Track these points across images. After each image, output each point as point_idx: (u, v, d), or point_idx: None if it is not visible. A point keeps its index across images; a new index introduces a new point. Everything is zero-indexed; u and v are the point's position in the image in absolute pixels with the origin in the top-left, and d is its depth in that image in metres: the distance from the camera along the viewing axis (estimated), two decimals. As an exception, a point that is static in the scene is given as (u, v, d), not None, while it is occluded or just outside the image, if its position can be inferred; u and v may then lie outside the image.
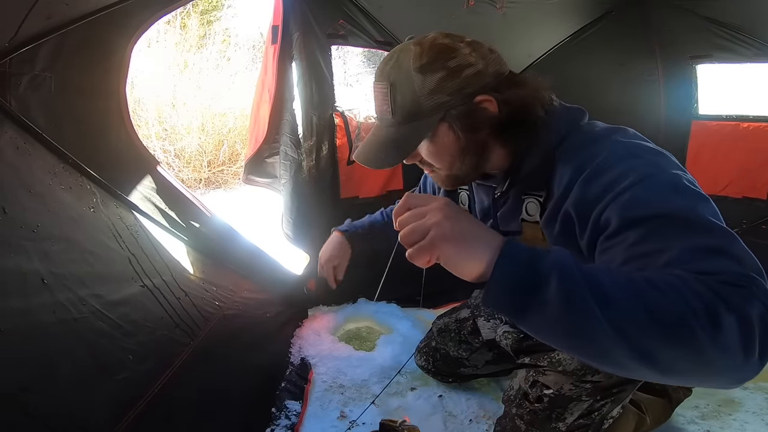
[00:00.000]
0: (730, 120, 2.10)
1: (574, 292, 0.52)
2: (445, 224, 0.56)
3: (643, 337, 0.50)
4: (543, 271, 0.53)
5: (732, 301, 0.51)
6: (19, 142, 1.03)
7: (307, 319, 1.92)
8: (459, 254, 0.56)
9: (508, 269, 0.55)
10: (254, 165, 2.05)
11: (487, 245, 0.56)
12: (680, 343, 0.50)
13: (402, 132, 0.80)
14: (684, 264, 0.56)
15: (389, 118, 0.81)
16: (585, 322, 0.51)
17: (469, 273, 0.57)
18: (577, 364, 0.98)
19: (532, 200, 0.86)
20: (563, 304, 0.52)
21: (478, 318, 1.32)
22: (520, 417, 1.04)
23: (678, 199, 0.64)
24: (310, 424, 1.32)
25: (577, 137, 0.80)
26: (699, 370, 0.52)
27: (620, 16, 2.32)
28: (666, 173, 0.67)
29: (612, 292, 0.52)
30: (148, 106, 4.63)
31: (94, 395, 0.98)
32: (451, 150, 0.82)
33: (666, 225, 0.61)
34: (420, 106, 0.78)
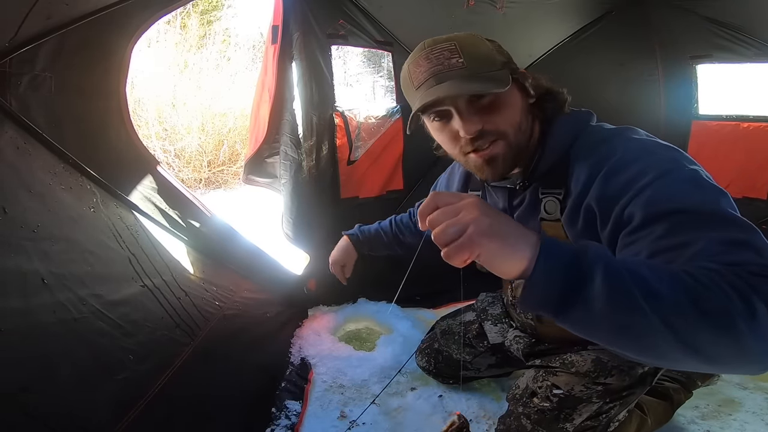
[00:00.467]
0: (730, 120, 2.10)
1: (620, 287, 0.51)
2: (484, 220, 0.54)
3: (690, 329, 0.51)
4: (586, 267, 0.52)
5: (762, 291, 0.52)
6: (19, 142, 1.03)
7: (307, 319, 1.92)
8: (501, 250, 0.54)
9: (551, 265, 0.53)
10: (254, 165, 2.05)
11: (526, 242, 0.54)
12: (724, 333, 0.50)
13: (487, 74, 0.78)
14: (711, 256, 0.57)
15: (460, 69, 0.78)
16: (632, 317, 0.51)
17: (509, 270, 0.55)
18: (591, 365, 0.98)
19: (551, 198, 0.87)
20: (609, 300, 0.51)
21: (485, 322, 1.32)
22: (527, 416, 1.03)
23: (699, 194, 0.65)
24: (310, 424, 1.32)
25: (590, 136, 0.84)
26: (738, 357, 0.53)
27: (620, 16, 2.32)
28: (684, 168, 0.69)
29: (657, 286, 0.51)
30: (149, 106, 4.64)
31: (95, 395, 0.98)
32: (519, 107, 0.83)
33: (690, 219, 0.63)
34: (495, 60, 0.81)
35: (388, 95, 2.20)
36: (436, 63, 0.79)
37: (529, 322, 1.15)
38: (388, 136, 2.05)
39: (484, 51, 0.80)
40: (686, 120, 2.22)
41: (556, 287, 0.53)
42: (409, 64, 0.84)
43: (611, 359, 0.99)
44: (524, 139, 0.85)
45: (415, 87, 0.82)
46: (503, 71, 0.80)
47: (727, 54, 2.06)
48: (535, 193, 0.90)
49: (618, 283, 0.51)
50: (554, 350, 1.09)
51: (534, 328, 1.14)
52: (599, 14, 2.34)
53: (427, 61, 0.79)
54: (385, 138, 2.04)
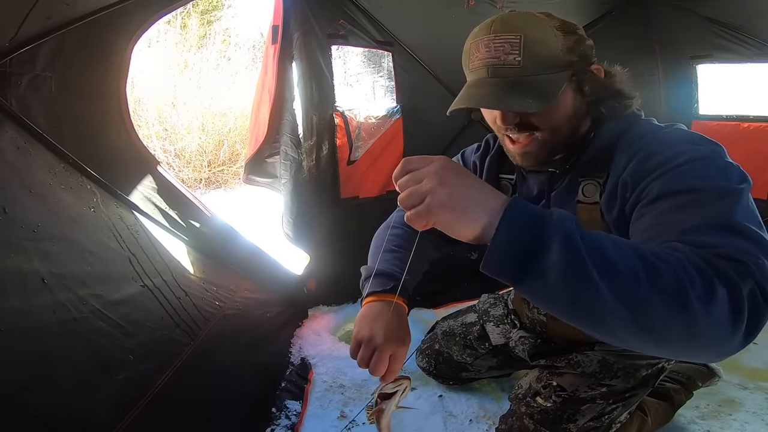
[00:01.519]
0: (731, 120, 2.11)
1: (576, 258, 0.51)
2: (440, 191, 0.54)
3: (640, 305, 0.51)
4: (544, 236, 0.52)
5: (724, 274, 0.52)
6: (19, 141, 1.03)
7: (307, 319, 1.92)
8: (455, 220, 0.55)
9: (508, 234, 0.53)
10: (254, 165, 2.05)
11: (485, 209, 0.55)
12: (676, 312, 0.50)
13: (539, 80, 0.77)
14: (692, 236, 0.58)
15: (514, 67, 0.77)
16: (585, 289, 0.51)
17: (465, 236, 0.56)
18: (596, 366, 0.98)
19: (591, 182, 0.86)
20: (564, 272, 0.51)
21: (487, 323, 1.32)
22: (530, 416, 1.03)
23: (723, 181, 0.65)
24: (310, 423, 1.32)
25: (641, 127, 0.83)
26: (690, 340, 0.53)
27: (620, 16, 2.32)
28: (722, 160, 0.70)
29: (613, 259, 0.52)
30: (149, 106, 4.64)
31: (95, 395, 0.98)
32: (567, 109, 0.82)
33: (699, 199, 0.63)
34: (558, 60, 0.78)
35: (389, 95, 2.20)
36: (494, 54, 0.78)
37: (540, 319, 1.13)
38: (389, 136, 2.05)
39: (548, 51, 0.78)
40: (686, 120, 2.22)
41: (512, 255, 0.53)
42: (471, 41, 0.82)
43: (617, 361, 1.00)
44: (564, 138, 0.84)
45: (469, 69, 0.83)
46: (560, 75, 0.78)
47: (727, 54, 2.06)
48: (574, 178, 0.89)
49: (575, 255, 0.51)
50: (561, 350, 1.08)
51: (544, 325, 1.13)
52: (599, 14, 2.34)
53: (486, 49, 0.79)
54: (386, 138, 2.04)
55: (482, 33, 0.80)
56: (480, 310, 1.37)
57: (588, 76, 0.83)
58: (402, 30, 2.01)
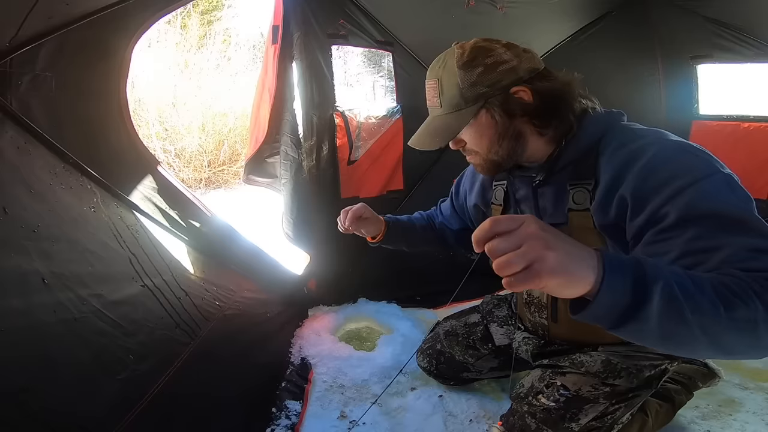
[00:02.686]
0: (731, 120, 2.10)
1: (674, 306, 0.56)
2: (549, 256, 0.53)
3: (722, 334, 0.58)
4: (646, 288, 0.56)
5: None
6: (19, 141, 1.03)
7: (307, 319, 1.92)
8: (567, 283, 0.55)
9: (613, 289, 0.55)
10: (255, 165, 2.05)
11: (588, 266, 0.55)
12: (748, 335, 0.59)
13: (448, 120, 0.91)
14: (738, 262, 0.64)
15: (438, 108, 0.93)
16: (679, 328, 0.57)
17: (573, 295, 0.57)
18: (600, 366, 0.99)
19: (580, 189, 0.89)
20: (664, 317, 0.56)
21: (491, 324, 1.32)
22: (532, 415, 1.03)
23: (734, 200, 0.70)
24: (310, 423, 1.32)
25: (620, 131, 0.87)
26: (753, 349, 0.62)
27: (621, 16, 2.32)
28: (719, 173, 0.73)
29: (699, 299, 0.58)
30: (149, 105, 4.64)
31: (95, 395, 0.98)
32: (490, 134, 0.90)
33: (722, 224, 0.68)
34: (463, 97, 0.88)
35: (389, 95, 2.20)
36: (428, 98, 0.96)
37: (542, 322, 1.14)
38: (389, 136, 2.05)
39: (451, 91, 0.89)
40: (687, 120, 2.22)
41: (618, 307, 0.56)
42: None
43: (621, 361, 1.00)
44: (500, 156, 0.92)
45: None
46: (467, 110, 0.88)
47: (728, 54, 2.06)
48: (562, 185, 0.93)
49: (673, 301, 0.56)
50: (564, 351, 1.09)
51: (546, 329, 1.14)
52: (600, 14, 2.34)
53: (427, 93, 0.96)
54: (386, 138, 2.04)
55: (427, 75, 0.96)
56: (484, 310, 1.37)
57: (508, 99, 0.88)
58: (402, 30, 2.01)
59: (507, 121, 0.89)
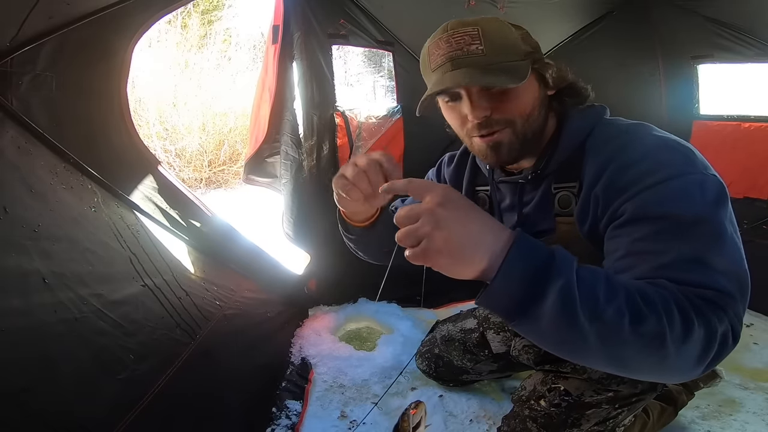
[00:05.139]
0: (732, 120, 2.10)
1: (569, 309, 0.53)
2: (436, 236, 0.53)
3: (621, 347, 0.55)
4: (543, 287, 0.53)
5: (705, 318, 0.56)
6: (20, 141, 1.03)
7: (307, 319, 1.92)
8: (453, 265, 0.54)
9: (508, 280, 0.54)
10: (255, 164, 2.05)
11: (485, 251, 0.54)
12: (652, 353, 0.55)
13: (505, 65, 0.76)
14: (673, 272, 0.61)
15: (480, 56, 0.76)
16: (573, 334, 0.54)
17: (464, 277, 0.56)
18: (603, 372, 0.96)
19: (565, 192, 0.85)
20: (556, 318, 0.53)
21: (488, 331, 1.29)
22: (533, 419, 1.02)
23: (699, 203, 0.66)
24: (310, 423, 1.32)
25: (605, 129, 0.83)
26: (658, 372, 0.58)
27: (621, 16, 2.32)
28: (697, 174, 0.69)
29: (603, 307, 0.54)
30: (149, 105, 4.64)
31: (95, 395, 0.98)
32: (533, 99, 0.81)
33: (672, 227, 0.64)
34: (518, 48, 0.78)
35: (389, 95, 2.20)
36: (455, 47, 0.77)
37: None
38: (389, 135, 2.05)
39: (507, 39, 0.78)
40: (687, 120, 2.21)
41: (511, 299, 0.54)
42: (428, 44, 0.82)
43: None
44: (533, 130, 0.83)
45: (431, 69, 0.82)
46: (524, 62, 0.77)
47: (728, 54, 2.06)
48: (547, 188, 0.88)
49: (568, 304, 0.53)
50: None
51: None
52: (600, 14, 2.34)
53: (446, 44, 0.78)
54: (386, 138, 2.04)
55: (438, 33, 0.81)
56: (480, 316, 1.35)
57: (548, 67, 0.83)
58: (402, 30, 2.01)
59: (543, 89, 0.83)
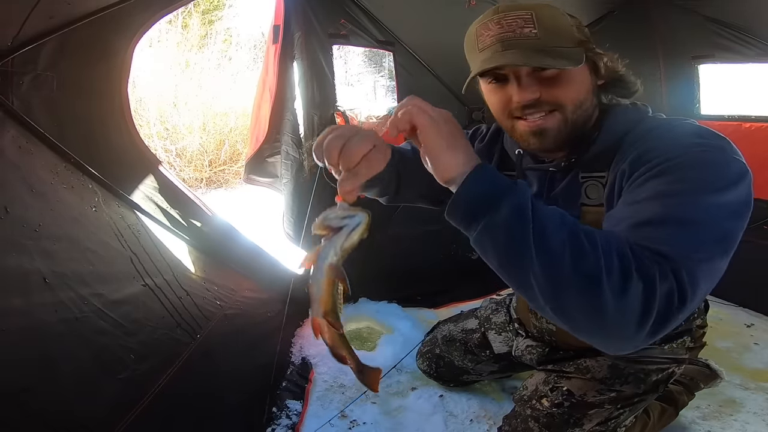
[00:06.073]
0: (732, 120, 2.10)
1: (521, 224, 0.56)
2: (435, 114, 0.63)
3: (558, 280, 0.55)
4: (500, 196, 0.58)
5: (645, 269, 0.55)
6: (21, 141, 1.03)
7: (308, 319, 1.92)
8: (441, 146, 0.61)
9: (474, 183, 0.59)
10: (255, 164, 2.05)
11: (467, 156, 0.62)
12: (587, 295, 0.54)
13: (559, 50, 0.74)
14: (643, 226, 0.61)
15: (533, 40, 0.74)
16: (521, 252, 0.56)
17: (442, 168, 0.62)
18: (607, 372, 0.97)
19: (593, 182, 0.84)
20: (509, 232, 0.57)
21: (489, 331, 1.29)
22: (535, 419, 1.02)
23: (711, 176, 0.65)
24: (310, 423, 1.32)
25: (647, 124, 0.81)
26: (594, 324, 0.56)
27: (622, 16, 2.32)
28: (725, 154, 0.70)
29: (550, 234, 0.56)
30: (150, 105, 4.64)
31: (96, 394, 0.98)
32: (585, 86, 0.79)
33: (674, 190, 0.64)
34: (571, 35, 0.76)
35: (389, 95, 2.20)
36: (507, 29, 0.75)
37: (550, 328, 1.09)
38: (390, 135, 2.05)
39: (561, 25, 0.76)
40: (688, 120, 2.21)
41: (471, 204, 0.60)
42: (477, 25, 0.79)
43: (628, 366, 0.98)
44: (582, 118, 0.80)
45: (478, 49, 0.79)
46: (578, 49, 0.76)
47: (729, 54, 2.05)
48: (575, 177, 0.87)
49: (520, 220, 0.57)
50: (571, 357, 1.06)
51: (553, 334, 1.09)
52: (601, 14, 2.33)
53: (497, 26, 0.75)
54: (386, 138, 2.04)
55: (489, 15, 0.78)
56: (481, 316, 1.34)
57: (601, 57, 0.80)
58: (403, 30, 2.01)
59: (595, 79, 0.81)
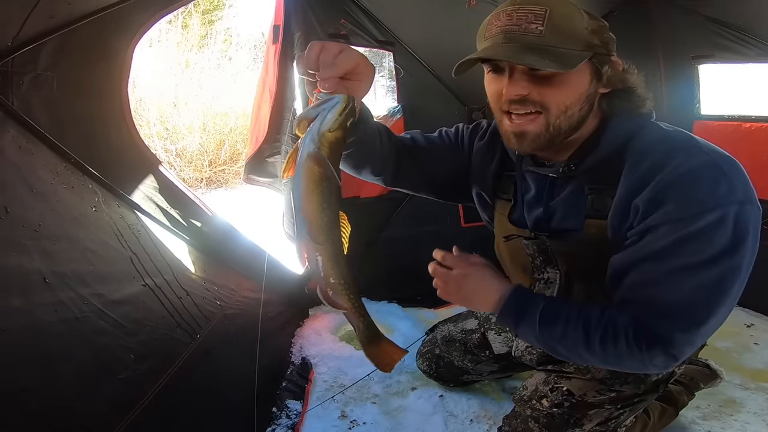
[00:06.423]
0: (733, 120, 2.10)
1: (541, 340, 0.85)
2: (452, 292, 0.92)
3: (583, 358, 0.84)
4: (521, 325, 0.86)
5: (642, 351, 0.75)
6: (21, 141, 1.03)
7: (308, 319, 1.93)
8: (469, 307, 0.99)
9: (504, 320, 0.88)
10: (255, 164, 2.05)
11: (488, 303, 0.89)
12: (607, 363, 0.83)
13: (558, 50, 0.74)
14: (644, 307, 0.76)
15: (536, 36, 0.74)
16: (545, 346, 0.87)
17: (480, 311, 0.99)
18: (607, 372, 0.97)
19: (600, 195, 0.84)
20: (540, 336, 0.84)
21: (489, 332, 1.28)
22: (535, 419, 1.02)
23: (719, 254, 0.71)
24: (310, 423, 1.32)
25: (650, 133, 0.82)
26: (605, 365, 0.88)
27: (622, 16, 2.32)
28: (732, 205, 0.71)
29: (562, 332, 0.81)
30: (150, 105, 4.64)
31: (96, 394, 0.98)
32: (578, 92, 0.79)
33: (674, 265, 0.73)
34: (581, 37, 0.76)
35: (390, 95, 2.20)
36: (514, 22, 0.76)
37: None
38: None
39: (573, 26, 0.75)
40: (688, 120, 2.21)
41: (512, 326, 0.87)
42: (492, 14, 0.81)
43: None
44: (569, 124, 0.80)
45: (484, 37, 0.80)
46: (580, 53, 0.75)
47: (729, 54, 2.05)
48: (579, 187, 0.87)
49: (540, 337, 0.84)
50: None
51: None
52: (601, 14, 2.33)
53: (507, 18, 0.76)
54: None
55: (506, 5, 0.78)
56: (481, 316, 1.34)
57: (608, 64, 0.80)
58: (403, 30, 2.01)
59: (595, 85, 0.80)
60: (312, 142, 0.56)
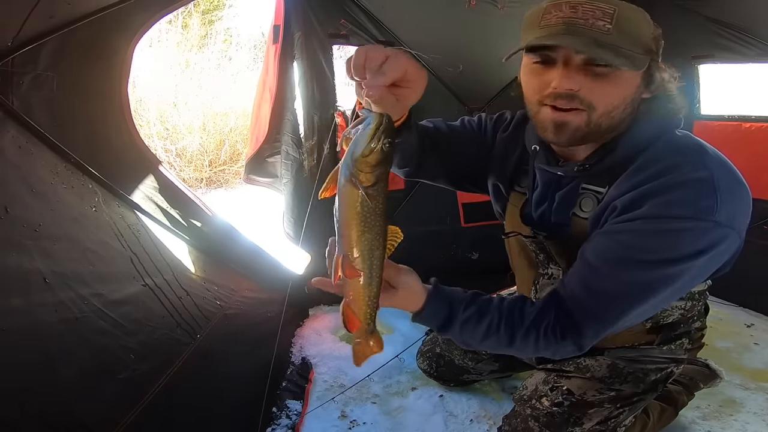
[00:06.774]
0: (733, 120, 2.10)
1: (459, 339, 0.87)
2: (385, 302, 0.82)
3: (506, 351, 0.88)
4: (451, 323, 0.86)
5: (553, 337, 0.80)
6: (21, 141, 1.04)
7: (308, 319, 1.92)
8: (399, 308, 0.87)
9: (425, 321, 0.88)
10: (255, 164, 2.05)
11: (413, 306, 0.87)
12: (526, 352, 0.88)
13: (624, 51, 0.72)
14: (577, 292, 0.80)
15: (603, 34, 0.72)
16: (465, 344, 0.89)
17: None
18: (606, 371, 0.97)
19: (590, 196, 0.86)
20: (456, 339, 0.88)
21: None
22: (535, 418, 1.02)
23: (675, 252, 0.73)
24: (310, 423, 1.32)
25: (665, 146, 0.80)
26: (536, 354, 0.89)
27: (622, 16, 2.32)
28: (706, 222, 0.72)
29: (482, 338, 0.84)
30: (150, 105, 4.64)
31: (96, 394, 0.98)
32: (628, 94, 0.78)
33: (623, 261, 0.76)
34: (645, 43, 0.75)
35: (390, 95, 2.20)
36: (580, 16, 0.72)
37: None
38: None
39: (639, 31, 0.74)
40: (688, 120, 2.20)
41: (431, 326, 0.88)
42: (548, 3, 0.77)
43: (627, 365, 0.99)
44: (609, 124, 0.79)
45: (539, 25, 0.76)
46: (643, 57, 0.74)
47: (729, 54, 2.05)
48: (576, 188, 0.88)
49: (460, 337, 0.86)
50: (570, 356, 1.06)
51: None
52: (601, 14, 2.34)
53: (571, 11, 0.73)
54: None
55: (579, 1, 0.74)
56: None
57: (659, 71, 0.80)
58: (403, 30, 2.01)
59: (642, 90, 0.79)
60: (346, 168, 0.56)
